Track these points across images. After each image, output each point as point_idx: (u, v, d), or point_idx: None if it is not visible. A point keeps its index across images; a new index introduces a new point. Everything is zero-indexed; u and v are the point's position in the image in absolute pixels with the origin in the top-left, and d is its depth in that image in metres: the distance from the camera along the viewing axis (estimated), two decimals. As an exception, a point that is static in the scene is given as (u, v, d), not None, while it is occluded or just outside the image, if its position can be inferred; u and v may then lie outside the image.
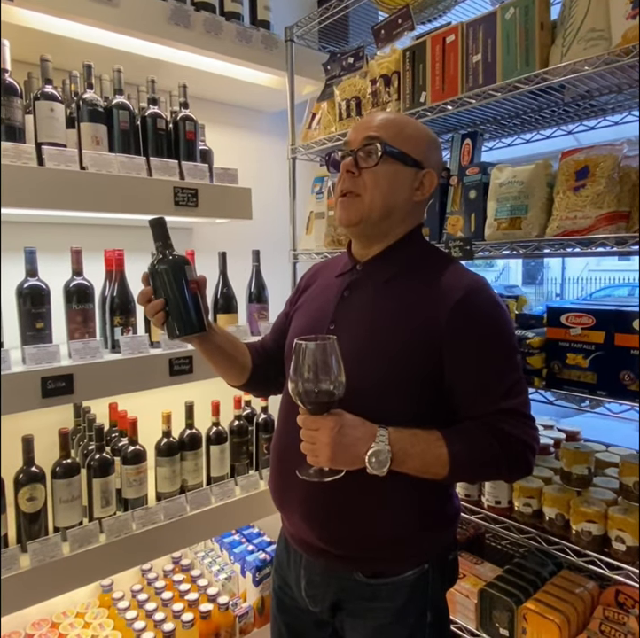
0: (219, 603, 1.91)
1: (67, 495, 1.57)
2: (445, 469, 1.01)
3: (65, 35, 1.64)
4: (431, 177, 1.15)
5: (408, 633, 1.13)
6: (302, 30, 2.05)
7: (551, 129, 1.75)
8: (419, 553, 1.13)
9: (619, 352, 1.26)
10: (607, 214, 1.23)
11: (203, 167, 1.83)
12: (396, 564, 1.12)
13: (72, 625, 1.81)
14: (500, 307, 1.10)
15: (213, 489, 1.87)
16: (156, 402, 1.85)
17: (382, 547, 1.11)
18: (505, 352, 1.08)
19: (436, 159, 1.20)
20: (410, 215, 1.17)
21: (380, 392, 1.07)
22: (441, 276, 1.10)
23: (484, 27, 1.42)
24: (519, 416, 1.06)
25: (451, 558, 1.21)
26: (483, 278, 1.12)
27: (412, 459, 1.00)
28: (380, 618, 1.13)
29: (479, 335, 1.06)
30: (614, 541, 1.32)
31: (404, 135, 1.12)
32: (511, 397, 1.05)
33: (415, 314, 1.08)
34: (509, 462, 1.04)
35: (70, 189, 1.53)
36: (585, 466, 1.47)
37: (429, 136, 1.19)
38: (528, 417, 1.08)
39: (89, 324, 1.64)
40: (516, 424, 1.04)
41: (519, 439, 1.04)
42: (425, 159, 1.15)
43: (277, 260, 2.14)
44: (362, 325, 1.12)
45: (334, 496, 1.08)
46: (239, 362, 1.35)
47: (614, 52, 1.16)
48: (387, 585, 1.12)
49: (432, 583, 1.14)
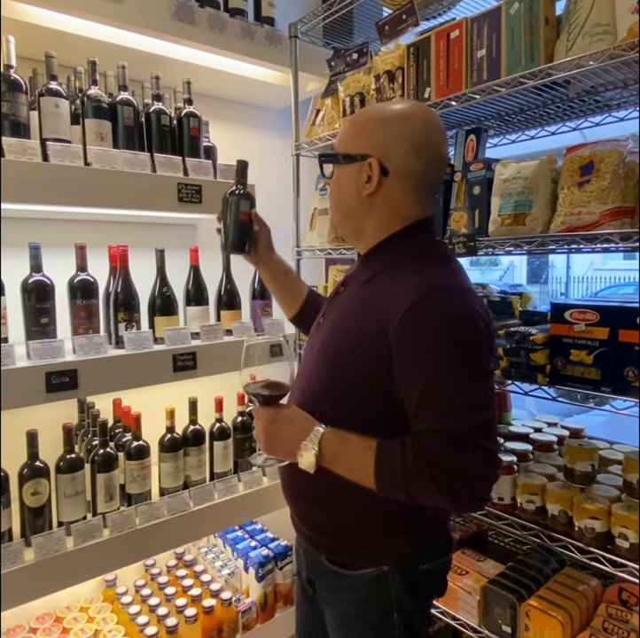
0: (222, 599, 1.91)
1: (71, 490, 1.57)
2: (371, 480, 0.99)
3: (70, 31, 1.65)
4: (372, 164, 1.07)
5: (372, 630, 1.15)
6: (306, 26, 2.05)
7: (556, 125, 1.74)
8: (376, 553, 1.13)
9: (623, 348, 1.25)
10: (612, 210, 1.23)
11: (207, 163, 1.84)
12: (355, 558, 1.14)
13: (75, 619, 1.82)
14: (456, 319, 0.97)
15: (216, 485, 1.88)
16: (160, 398, 1.86)
17: (340, 537, 1.14)
18: (450, 369, 0.96)
19: (380, 140, 1.07)
20: (375, 210, 1.11)
21: (329, 393, 1.10)
22: (408, 279, 1.03)
23: (488, 23, 1.41)
24: (459, 441, 0.94)
25: (424, 568, 1.14)
26: (449, 284, 1.02)
27: (339, 463, 1.02)
28: (344, 608, 1.17)
29: (422, 346, 0.97)
30: (617, 538, 1.31)
31: (347, 135, 1.13)
32: (453, 420, 0.95)
33: (374, 318, 1.03)
34: (424, 484, 0.95)
35: (74, 185, 1.54)
36: (589, 463, 1.46)
37: (375, 119, 1.09)
38: (473, 444, 0.94)
39: (93, 320, 1.65)
40: (449, 447, 0.94)
41: (447, 463, 0.94)
42: (368, 147, 1.08)
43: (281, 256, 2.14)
44: (333, 323, 1.15)
45: (303, 479, 1.09)
46: (292, 297, 1.51)
47: (620, 47, 1.16)
48: (348, 577, 1.15)
49: (395, 586, 1.12)
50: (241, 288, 2.02)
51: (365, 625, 1.15)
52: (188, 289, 1.90)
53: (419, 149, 1.06)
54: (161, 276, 1.82)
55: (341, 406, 1.07)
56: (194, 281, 1.90)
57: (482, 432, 0.95)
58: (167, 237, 2.08)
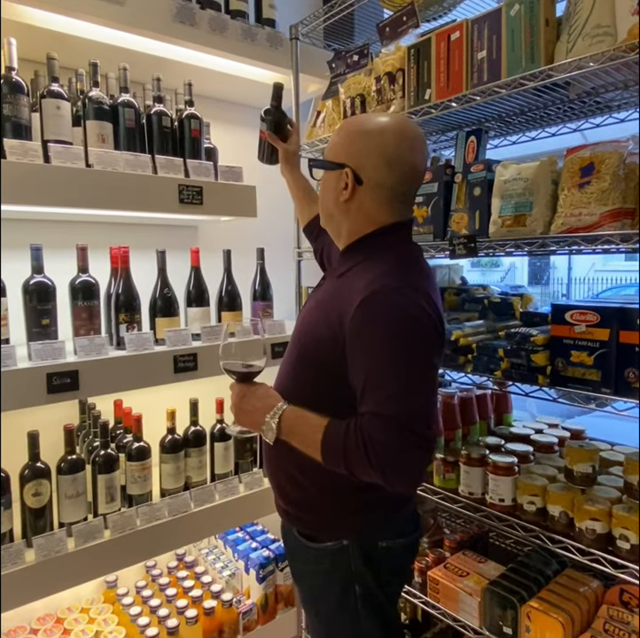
0: (223, 600, 1.91)
1: (72, 491, 1.58)
2: (318, 453, 1.10)
3: (71, 33, 1.65)
4: (348, 174, 1.16)
5: (336, 600, 1.25)
6: (307, 28, 2.05)
7: (557, 127, 1.74)
8: (337, 528, 1.23)
9: (623, 349, 1.25)
10: (612, 211, 1.23)
11: (208, 164, 1.84)
12: (321, 531, 1.25)
13: (77, 620, 1.82)
14: (400, 314, 1.05)
15: (217, 486, 1.88)
16: (161, 399, 1.86)
17: (308, 511, 1.25)
18: (391, 359, 1.05)
19: (356, 151, 1.16)
20: (350, 215, 1.20)
21: (294, 374, 1.24)
22: (368, 276, 1.11)
23: (489, 24, 1.41)
24: (394, 424, 1.02)
25: (383, 545, 1.24)
26: (400, 282, 1.08)
27: (295, 437, 1.15)
28: (311, 580, 1.30)
29: (367, 337, 1.07)
30: (618, 540, 1.31)
31: (332, 143, 1.23)
32: (390, 405, 1.03)
33: (336, 309, 1.13)
34: (361, 460, 1.04)
35: (76, 186, 1.54)
36: (589, 464, 1.46)
37: (355, 131, 1.17)
38: (406, 427, 1.02)
39: (94, 321, 1.65)
40: (384, 429, 1.02)
41: (381, 442, 1.02)
42: (346, 156, 1.17)
43: (282, 258, 2.15)
44: (308, 313, 1.27)
45: (279, 456, 1.25)
46: (305, 209, 1.75)
47: (620, 48, 1.16)
48: (314, 549, 1.25)
49: (354, 560, 1.22)
50: (242, 289, 2.02)
51: (330, 595, 1.25)
52: (189, 290, 1.90)
53: (391, 163, 1.14)
54: (162, 278, 1.83)
55: (305, 388, 1.21)
56: (195, 282, 1.90)
57: (415, 418, 1.03)
58: (169, 238, 2.09)
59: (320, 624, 1.33)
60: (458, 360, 1.62)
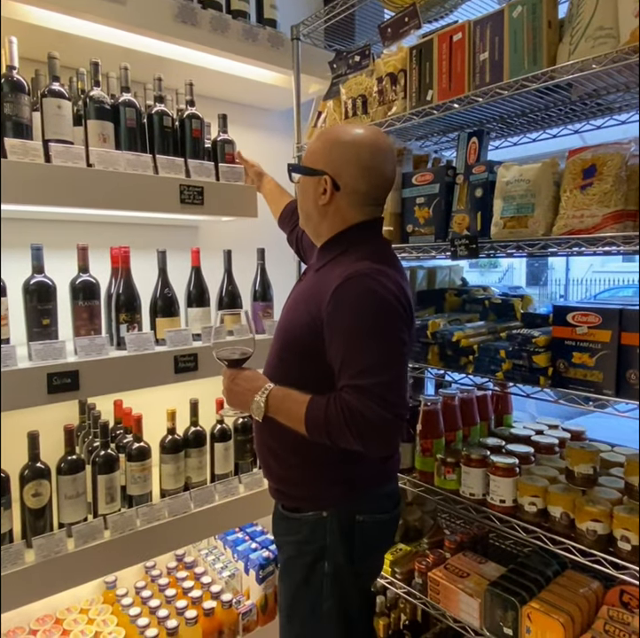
0: (222, 601, 1.91)
1: (72, 491, 1.57)
2: (302, 426, 1.20)
3: (72, 32, 1.65)
4: (327, 180, 1.27)
5: (304, 572, 1.33)
6: (309, 29, 2.05)
7: (558, 128, 1.75)
8: (318, 499, 1.32)
9: (625, 351, 1.26)
10: (614, 213, 1.23)
11: (209, 164, 1.84)
12: (302, 502, 1.34)
13: (76, 621, 1.81)
14: (370, 296, 1.16)
15: (217, 487, 1.88)
16: (161, 399, 1.86)
17: (291, 484, 1.35)
18: (362, 337, 1.16)
19: (334, 160, 1.27)
20: (328, 217, 1.32)
21: (280, 359, 1.35)
22: (342, 267, 1.23)
23: (491, 26, 1.41)
24: (368, 393, 1.13)
25: (360, 519, 1.31)
26: (370, 269, 1.19)
27: (281, 413, 1.25)
28: (289, 551, 1.38)
29: (341, 319, 1.18)
30: (619, 541, 1.31)
31: (312, 150, 1.33)
32: (364, 377, 1.14)
33: (315, 298, 1.24)
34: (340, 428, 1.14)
35: (77, 186, 1.54)
36: (590, 465, 1.46)
37: (334, 141, 1.28)
38: (379, 396, 1.13)
39: (94, 321, 1.64)
40: (360, 398, 1.13)
41: (357, 410, 1.13)
42: (325, 164, 1.28)
43: (282, 258, 2.14)
44: (290, 305, 1.39)
45: (263, 434, 1.37)
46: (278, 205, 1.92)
47: (622, 50, 1.16)
48: (295, 520, 1.35)
49: (331, 533, 1.30)
50: (242, 289, 2.02)
51: (298, 567, 1.34)
52: (189, 290, 1.90)
53: (365, 172, 1.26)
54: (163, 278, 1.82)
55: (290, 371, 1.32)
56: (196, 282, 1.90)
57: (387, 388, 1.14)
58: (169, 238, 2.09)
59: (285, 597, 1.40)
60: (460, 361, 1.62)
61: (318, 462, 1.30)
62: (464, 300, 1.95)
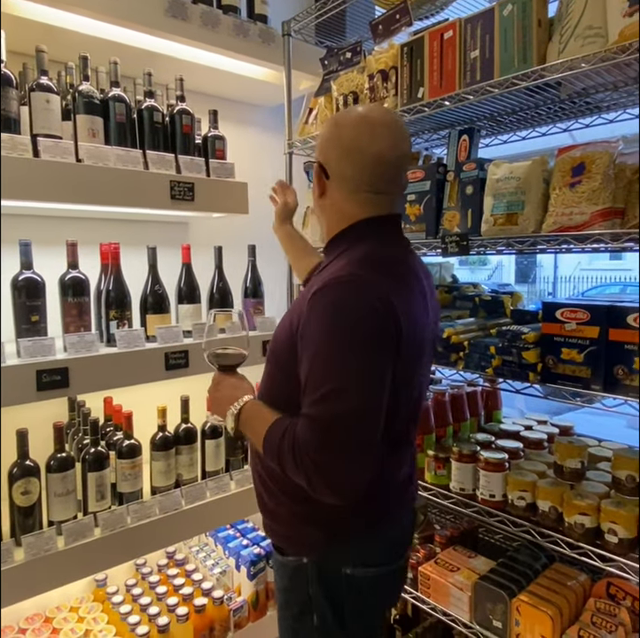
0: (213, 598, 1.91)
1: (62, 489, 1.56)
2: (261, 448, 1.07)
3: (61, 25, 1.63)
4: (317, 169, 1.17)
5: (293, 624, 1.19)
6: (300, 25, 2.04)
7: (547, 127, 1.76)
8: (297, 542, 1.16)
9: (613, 347, 1.27)
10: (603, 211, 1.24)
11: (199, 160, 1.83)
12: (286, 543, 1.20)
13: (65, 619, 1.80)
14: (339, 307, 0.98)
15: (208, 483, 1.88)
16: (151, 396, 1.85)
17: (276, 519, 1.20)
18: (327, 356, 0.98)
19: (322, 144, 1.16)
20: (326, 211, 1.19)
21: (267, 374, 1.23)
22: (331, 271, 1.07)
23: (482, 24, 1.42)
24: (317, 424, 0.95)
25: (347, 573, 1.11)
26: (351, 273, 1.02)
27: (249, 430, 1.14)
28: (278, 598, 1.25)
29: (309, 332, 1.02)
30: (607, 534, 1.33)
31: (317, 144, 1.22)
32: (318, 405, 0.96)
33: (297, 308, 1.10)
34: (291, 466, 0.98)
35: (66, 181, 1.52)
36: (578, 460, 1.48)
37: (326, 124, 1.17)
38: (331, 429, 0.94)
39: (84, 318, 1.63)
40: (311, 432, 0.96)
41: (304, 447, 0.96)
42: (319, 151, 1.18)
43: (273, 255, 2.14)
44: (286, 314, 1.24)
45: (255, 461, 1.25)
46: (303, 263, 1.64)
47: (611, 50, 1.17)
48: (279, 562, 1.21)
49: (312, 583, 1.12)
50: (233, 286, 2.02)
51: (288, 618, 1.20)
52: (180, 287, 1.89)
53: (347, 153, 1.11)
54: (153, 274, 1.81)
55: (277, 388, 1.18)
56: (186, 279, 1.89)
57: (347, 420, 0.94)
58: (160, 234, 2.07)
59: None
60: (450, 357, 1.63)
61: (299, 497, 1.09)
62: (455, 297, 1.96)
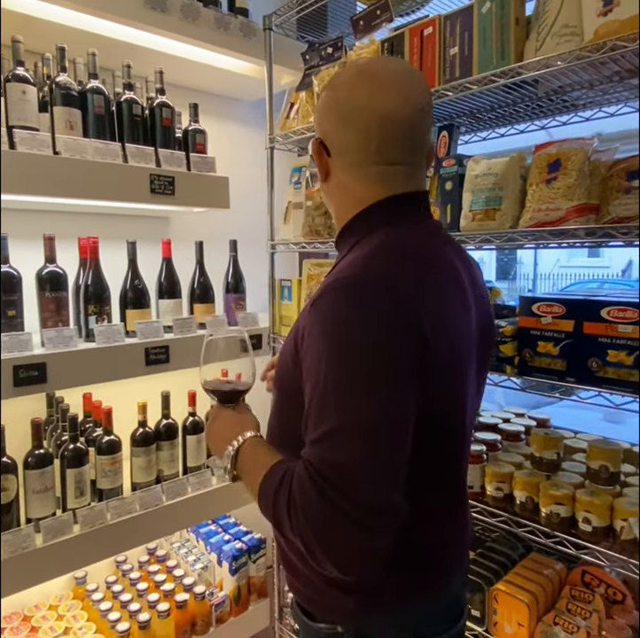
0: (195, 593, 1.91)
1: (40, 486, 1.54)
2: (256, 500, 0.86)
3: (37, 16, 1.60)
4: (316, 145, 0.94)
5: None
6: (281, 19, 2.04)
7: (525, 124, 1.78)
8: (328, 607, 0.94)
9: (587, 339, 1.30)
10: (578, 206, 1.27)
11: (180, 154, 1.82)
12: (314, 607, 0.98)
13: (44, 617, 1.79)
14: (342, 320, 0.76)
15: (189, 479, 1.87)
16: (132, 392, 1.83)
17: (301, 580, 0.97)
18: (330, 384, 0.75)
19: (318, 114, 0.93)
20: (333, 196, 0.97)
21: (275, 404, 1.01)
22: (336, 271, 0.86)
23: (461, 21, 1.44)
24: (318, 477, 0.73)
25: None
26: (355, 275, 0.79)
27: (245, 476, 0.91)
28: None
29: (310, 351, 0.80)
30: (581, 523, 1.36)
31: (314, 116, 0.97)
32: (318, 448, 0.75)
33: (303, 318, 0.87)
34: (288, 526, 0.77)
35: (43, 174, 1.50)
36: (554, 451, 1.51)
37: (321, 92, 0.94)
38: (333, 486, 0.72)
39: (62, 313, 1.61)
40: (304, 485, 0.74)
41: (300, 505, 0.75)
42: (317, 125, 0.96)
43: (255, 250, 2.14)
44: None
45: None
46: None
47: (586, 48, 1.19)
48: (309, 627, 0.99)
49: None
50: (214, 281, 2.01)
51: None
52: (160, 282, 1.88)
53: (346, 118, 0.87)
54: (133, 269, 1.80)
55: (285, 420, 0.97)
56: (167, 274, 1.88)
57: (353, 475, 0.72)
58: (139, 228, 2.06)
59: None
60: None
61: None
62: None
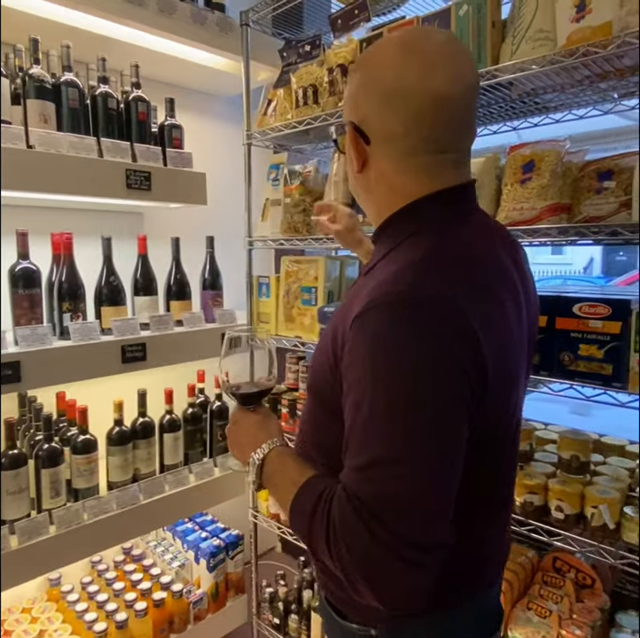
0: (172, 591, 1.90)
1: (14, 487, 1.51)
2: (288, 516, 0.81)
3: (10, 5, 1.56)
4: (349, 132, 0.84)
5: None
6: (258, 15, 2.03)
7: (498, 125, 1.83)
8: (362, 608, 0.87)
9: (559, 334, 1.35)
10: (550, 206, 1.31)
11: (156, 149, 1.80)
12: (345, 606, 0.92)
13: (18, 620, 1.75)
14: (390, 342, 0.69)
15: (166, 477, 1.86)
16: (108, 391, 1.81)
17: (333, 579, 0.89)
18: (378, 408, 0.69)
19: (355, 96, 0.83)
20: (371, 189, 0.87)
21: (308, 413, 0.96)
22: (381, 276, 0.78)
23: (439, 23, 1.46)
24: (359, 508, 0.67)
25: None
26: (401, 291, 0.71)
27: (271, 488, 0.87)
28: None
29: (353, 370, 0.74)
30: (554, 511, 1.41)
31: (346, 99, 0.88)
32: (361, 476, 0.69)
33: (342, 326, 0.80)
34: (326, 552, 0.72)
35: (16, 168, 1.46)
36: (527, 442, 1.56)
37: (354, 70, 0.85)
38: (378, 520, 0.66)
39: (35, 310, 1.58)
40: (345, 513, 0.69)
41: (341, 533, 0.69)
42: (350, 108, 0.85)
43: (232, 246, 2.13)
44: (328, 324, 0.93)
45: None
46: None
47: (559, 53, 1.23)
48: (340, 626, 0.93)
49: None
50: (191, 278, 2.00)
51: None
52: (136, 278, 1.86)
53: (392, 100, 0.77)
54: (108, 265, 1.77)
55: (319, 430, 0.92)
56: (143, 270, 1.86)
57: (397, 511, 0.66)
58: (115, 224, 2.02)
59: None
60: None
61: None
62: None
